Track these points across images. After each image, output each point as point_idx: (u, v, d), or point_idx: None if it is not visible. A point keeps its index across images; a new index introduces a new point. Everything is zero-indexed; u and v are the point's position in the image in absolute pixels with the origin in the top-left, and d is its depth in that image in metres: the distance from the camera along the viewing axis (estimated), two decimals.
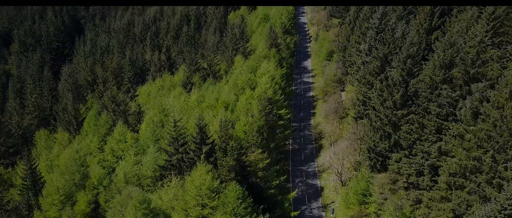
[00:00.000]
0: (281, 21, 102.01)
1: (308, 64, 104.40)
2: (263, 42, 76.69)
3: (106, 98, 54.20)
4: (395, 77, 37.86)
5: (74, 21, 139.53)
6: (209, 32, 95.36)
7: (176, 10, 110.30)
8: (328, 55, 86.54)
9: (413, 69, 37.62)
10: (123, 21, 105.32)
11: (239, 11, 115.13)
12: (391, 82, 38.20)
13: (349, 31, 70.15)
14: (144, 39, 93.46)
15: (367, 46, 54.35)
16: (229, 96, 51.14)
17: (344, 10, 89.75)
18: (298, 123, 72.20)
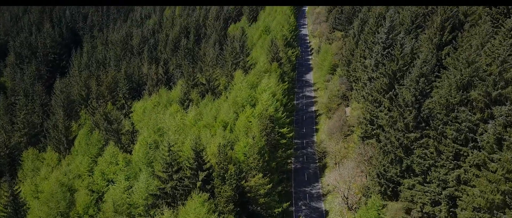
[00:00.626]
0: (282, 34, 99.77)
1: (310, 77, 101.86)
2: (264, 56, 74.17)
3: (98, 116, 51.34)
4: (407, 97, 35.00)
5: (72, 33, 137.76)
6: (209, 45, 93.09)
7: (175, 22, 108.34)
8: (331, 69, 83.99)
9: (426, 88, 34.78)
10: (121, 33, 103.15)
11: (239, 23, 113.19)
12: (402, 102, 35.32)
13: (353, 45, 67.64)
14: (141, 51, 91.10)
15: (373, 61, 51.69)
16: (228, 115, 48.24)
17: (347, 23, 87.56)
18: (301, 140, 69.15)
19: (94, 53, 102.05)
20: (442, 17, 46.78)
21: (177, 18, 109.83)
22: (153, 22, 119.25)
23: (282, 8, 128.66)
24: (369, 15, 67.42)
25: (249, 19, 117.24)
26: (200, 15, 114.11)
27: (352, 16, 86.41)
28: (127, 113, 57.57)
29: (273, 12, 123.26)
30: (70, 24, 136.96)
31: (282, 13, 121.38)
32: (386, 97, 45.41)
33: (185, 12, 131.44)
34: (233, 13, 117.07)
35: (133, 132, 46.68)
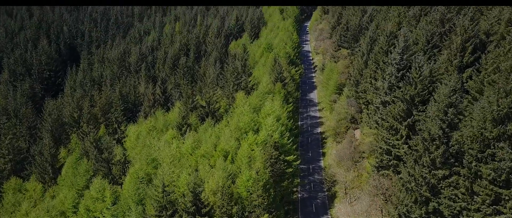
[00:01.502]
0: (285, 51, 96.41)
1: (314, 96, 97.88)
2: (267, 75, 70.33)
3: (87, 143, 47.05)
4: (433, 129, 30.75)
5: (70, 49, 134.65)
6: (209, 63, 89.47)
7: (175, 39, 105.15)
8: (337, 88, 79.96)
9: (455, 120, 30.58)
10: (119, 49, 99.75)
11: (240, 40, 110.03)
12: (427, 135, 31.03)
13: (362, 65, 63.80)
14: (139, 69, 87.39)
15: (386, 84, 47.65)
16: (230, 142, 43.87)
17: (353, 40, 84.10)
18: (306, 165, 64.50)
19: (91, 70, 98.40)
20: (462, 37, 43.03)
21: (176, 35, 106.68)
22: (152, 38, 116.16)
23: (284, 24, 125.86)
24: (378, 33, 63.87)
25: (250, 36, 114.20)
26: (200, 31, 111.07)
27: (358, 34, 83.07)
28: (120, 138, 53.26)
29: (275, 28, 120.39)
30: (68, 40, 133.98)
31: (285, 29, 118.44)
32: (404, 125, 41.22)
33: (185, 28, 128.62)
34: (234, 30, 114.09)
35: (124, 162, 42.28)
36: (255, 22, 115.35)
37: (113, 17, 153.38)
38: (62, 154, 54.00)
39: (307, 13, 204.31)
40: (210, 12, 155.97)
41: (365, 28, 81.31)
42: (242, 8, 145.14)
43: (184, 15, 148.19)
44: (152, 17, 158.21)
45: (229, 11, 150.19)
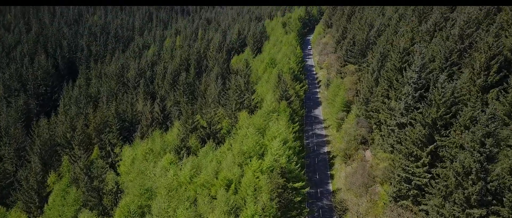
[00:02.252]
0: (289, 66, 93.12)
1: (319, 113, 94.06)
2: (271, 92, 66.69)
3: (78, 169, 43.16)
4: (468, 162, 26.81)
5: (69, 63, 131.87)
6: (210, 79, 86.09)
7: (175, 54, 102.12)
8: (344, 106, 76.22)
9: (493, 151, 26.68)
10: (117, 64, 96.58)
11: (242, 55, 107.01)
12: (461, 169, 27.06)
13: (372, 82, 60.21)
14: (137, 85, 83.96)
15: (403, 104, 43.88)
16: (232, 170, 39.86)
17: (360, 56, 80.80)
18: (314, 189, 60.17)
19: (88, 86, 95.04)
20: (486, 54, 39.47)
21: (177, 50, 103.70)
22: (152, 53, 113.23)
23: (287, 38, 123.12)
24: (389, 49, 60.45)
25: (253, 50, 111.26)
26: (201, 46, 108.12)
27: (365, 49, 79.81)
28: (113, 162, 49.29)
29: (278, 43, 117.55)
30: (67, 54, 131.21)
31: (288, 43, 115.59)
32: (425, 152, 37.27)
33: (186, 42, 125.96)
34: (236, 44, 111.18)
35: (117, 192, 38.27)
36: (257, 36, 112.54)
37: (112, 31, 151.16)
38: (52, 178, 49.97)
39: (309, 27, 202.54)
40: (212, 25, 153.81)
41: (373, 43, 78.10)
42: (244, 22, 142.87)
43: (185, 29, 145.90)
44: (152, 31, 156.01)
45: (231, 25, 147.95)
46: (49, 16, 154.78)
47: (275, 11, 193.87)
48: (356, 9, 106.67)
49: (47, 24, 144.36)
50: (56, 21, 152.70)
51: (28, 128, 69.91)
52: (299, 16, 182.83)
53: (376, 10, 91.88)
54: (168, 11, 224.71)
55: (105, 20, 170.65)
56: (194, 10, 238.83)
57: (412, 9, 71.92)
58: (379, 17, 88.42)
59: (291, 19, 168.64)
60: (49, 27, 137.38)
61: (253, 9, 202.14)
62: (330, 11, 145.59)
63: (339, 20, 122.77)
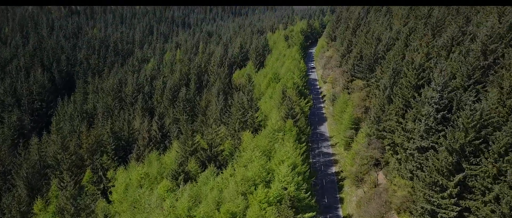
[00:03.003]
0: (293, 81, 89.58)
1: (324, 129, 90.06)
2: (276, 110, 62.93)
3: (63, 199, 39.05)
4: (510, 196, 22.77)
5: (66, 77, 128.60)
6: (212, 94, 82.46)
7: (175, 68, 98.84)
8: (352, 123, 72.33)
9: None
10: (115, 79, 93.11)
11: (245, 69, 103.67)
12: (507, 209, 23.01)
13: (383, 99, 56.39)
14: (135, 101, 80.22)
15: (423, 126, 39.96)
16: (236, 200, 35.69)
17: (369, 71, 77.29)
18: (323, 214, 55.80)
19: (84, 102, 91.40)
20: None
21: (177, 64, 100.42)
22: (151, 67, 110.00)
23: (290, 52, 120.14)
24: (401, 64, 56.83)
25: (255, 64, 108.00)
26: (202, 60, 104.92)
27: (373, 63, 76.36)
28: (106, 188, 45.14)
29: (281, 56, 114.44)
30: (64, 68, 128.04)
31: (291, 57, 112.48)
32: (453, 182, 33.20)
33: (187, 56, 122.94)
34: (238, 58, 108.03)
35: None
36: (259, 50, 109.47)
37: (111, 44, 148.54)
38: (38, 205, 45.72)
39: (311, 40, 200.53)
40: (213, 39, 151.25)
41: (381, 57, 74.69)
42: (246, 35, 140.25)
43: (186, 42, 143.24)
44: (152, 44, 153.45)
45: (233, 38, 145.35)
46: (47, 29, 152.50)
47: (277, 24, 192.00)
48: (362, 22, 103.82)
49: (45, 37, 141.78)
50: (55, 34, 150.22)
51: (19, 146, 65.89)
52: (301, 29, 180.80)
53: (383, 23, 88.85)
54: (169, 24, 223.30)
55: (105, 33, 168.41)
56: (195, 22, 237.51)
57: (424, 22, 68.72)
58: (387, 31, 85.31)
59: (293, 32, 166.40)
60: (47, 40, 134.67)
61: (255, 22, 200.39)
62: (334, 24, 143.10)
63: (343, 34, 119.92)
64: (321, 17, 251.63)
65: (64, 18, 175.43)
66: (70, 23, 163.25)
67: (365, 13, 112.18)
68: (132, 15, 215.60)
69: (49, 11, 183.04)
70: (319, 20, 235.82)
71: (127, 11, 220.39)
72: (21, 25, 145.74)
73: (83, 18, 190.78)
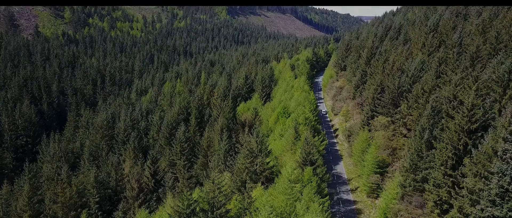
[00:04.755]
0: (305, 116, 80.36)
1: (341, 169, 79.64)
2: (289, 155, 53.31)
3: None
4: None
5: (58, 108, 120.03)
6: (214, 131, 73.22)
7: (174, 101, 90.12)
8: (376, 166, 62.38)
9: None
10: (107, 113, 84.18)
11: (250, 102, 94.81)
12: None
13: (420, 144, 46.89)
14: (127, 140, 70.83)
15: (495, 189, 30.24)
16: None
17: (392, 106, 68.29)
18: None
19: (72, 138, 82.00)
20: None
21: (176, 96, 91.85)
22: (148, 99, 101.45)
23: (299, 83, 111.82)
24: (442, 102, 47.78)
25: (261, 96, 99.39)
26: (204, 91, 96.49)
27: (397, 97, 67.49)
28: None
29: (289, 88, 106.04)
30: (56, 100, 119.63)
31: (300, 89, 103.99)
32: None
33: (187, 87, 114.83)
34: (243, 90, 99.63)
35: None
36: (266, 81, 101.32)
37: (108, 73, 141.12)
38: None
39: (317, 69, 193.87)
40: (215, 68, 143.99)
41: (407, 90, 65.90)
42: (250, 65, 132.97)
43: (187, 72, 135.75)
44: (151, 73, 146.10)
45: (236, 68, 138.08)
46: (41, 58, 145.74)
47: (282, 53, 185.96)
48: (377, 51, 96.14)
49: (38, 67, 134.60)
50: (49, 63, 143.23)
51: None
52: (307, 58, 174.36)
53: (402, 52, 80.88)
54: (170, 52, 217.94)
55: (103, 62, 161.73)
56: (197, 51, 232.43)
57: (456, 52, 60.42)
58: (408, 61, 77.20)
59: (299, 61, 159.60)
60: (39, 70, 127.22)
61: (259, 51, 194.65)
62: (343, 53, 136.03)
63: (355, 63, 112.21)
64: (326, 45, 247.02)
65: (60, 47, 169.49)
66: (66, 52, 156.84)
67: (378, 42, 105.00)
68: (132, 44, 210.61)
69: (47, 40, 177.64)
70: (324, 48, 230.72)
71: (128, 40, 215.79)
72: (12, 54, 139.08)
73: (81, 47, 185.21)
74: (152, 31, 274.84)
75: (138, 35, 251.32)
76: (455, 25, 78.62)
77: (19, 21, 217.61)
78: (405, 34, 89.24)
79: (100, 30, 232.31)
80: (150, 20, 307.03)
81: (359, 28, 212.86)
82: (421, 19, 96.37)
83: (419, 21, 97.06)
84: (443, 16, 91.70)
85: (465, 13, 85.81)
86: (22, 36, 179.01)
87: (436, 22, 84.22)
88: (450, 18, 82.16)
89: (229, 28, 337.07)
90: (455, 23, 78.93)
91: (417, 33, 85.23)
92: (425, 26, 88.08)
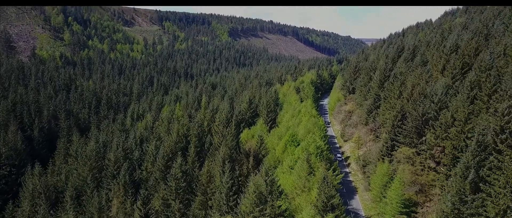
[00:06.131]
0: (316, 145, 72.55)
1: (357, 205, 70.89)
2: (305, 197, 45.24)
3: None
4: None
5: (49, 134, 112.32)
6: (215, 163, 65.37)
7: (172, 128, 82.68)
8: (402, 205, 54.06)
9: None
10: (99, 141, 76.52)
11: (254, 128, 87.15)
12: None
13: (462, 185, 38.99)
14: (117, 173, 62.84)
15: None
16: None
17: (416, 135, 60.59)
18: None
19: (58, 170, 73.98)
20: None
21: (174, 123, 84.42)
22: (144, 125, 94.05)
23: (306, 107, 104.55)
24: (486, 133, 40.17)
25: (266, 122, 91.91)
26: (204, 117, 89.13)
27: (422, 126, 59.90)
28: None
29: (296, 113, 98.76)
30: (46, 125, 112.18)
31: (308, 114, 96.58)
32: None
33: (187, 111, 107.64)
34: (246, 115, 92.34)
35: None
36: (271, 105, 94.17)
37: (105, 96, 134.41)
38: None
39: (321, 91, 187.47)
40: (217, 91, 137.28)
41: (433, 118, 58.40)
42: (254, 88, 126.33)
43: (187, 95, 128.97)
44: (149, 96, 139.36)
45: (239, 91, 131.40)
46: (35, 81, 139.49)
47: (285, 75, 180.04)
48: (391, 73, 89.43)
49: (31, 90, 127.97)
50: (42, 86, 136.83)
51: None
52: (311, 80, 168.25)
53: (422, 75, 73.95)
54: (171, 74, 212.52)
55: (100, 85, 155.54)
56: (198, 73, 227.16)
57: (487, 75, 53.32)
58: (428, 84, 70.17)
59: (304, 83, 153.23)
60: (31, 93, 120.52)
61: (261, 73, 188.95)
62: (351, 75, 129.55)
63: (365, 86, 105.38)
64: (329, 67, 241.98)
65: (56, 69, 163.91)
66: (62, 74, 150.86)
67: (391, 63, 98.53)
68: (132, 66, 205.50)
69: (42, 62, 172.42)
70: (328, 70, 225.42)
71: (127, 62, 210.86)
72: (3, 77, 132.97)
73: (79, 69, 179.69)
74: (153, 53, 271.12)
75: (138, 57, 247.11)
76: (478, 45, 72.14)
77: (17, 43, 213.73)
78: (422, 56, 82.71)
79: (100, 52, 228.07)
80: (151, 42, 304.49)
81: (364, 50, 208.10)
82: (437, 40, 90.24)
83: (435, 41, 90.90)
84: (461, 36, 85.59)
85: (486, 33, 79.63)
86: (18, 58, 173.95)
87: (455, 43, 77.88)
88: (472, 38, 75.78)
89: (231, 50, 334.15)
90: (478, 43, 72.47)
91: (436, 55, 78.71)
92: (443, 47, 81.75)
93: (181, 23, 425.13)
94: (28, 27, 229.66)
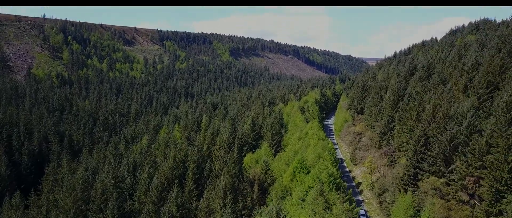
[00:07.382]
0: (328, 172, 65.32)
1: None
2: None
3: None
4: None
5: (39, 158, 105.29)
6: (216, 193, 58.19)
7: (168, 152, 75.76)
8: None
9: None
10: (87, 168, 69.40)
11: (259, 152, 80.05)
12: None
13: None
14: (104, 206, 55.52)
15: None
16: None
17: (443, 163, 53.61)
18: None
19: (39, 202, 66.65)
20: None
21: (171, 147, 77.47)
22: (140, 148, 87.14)
23: (313, 129, 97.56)
24: None
25: (271, 145, 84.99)
26: (204, 140, 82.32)
27: (450, 153, 52.99)
28: None
29: (303, 135, 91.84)
30: (37, 148, 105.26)
31: (316, 136, 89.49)
32: None
33: (185, 133, 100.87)
34: (249, 137, 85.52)
35: None
36: (276, 127, 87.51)
37: (101, 117, 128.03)
38: None
39: (326, 111, 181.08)
40: (218, 111, 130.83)
41: (464, 144, 51.54)
42: (257, 108, 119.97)
43: (186, 115, 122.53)
44: (146, 117, 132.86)
45: (241, 111, 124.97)
46: (29, 101, 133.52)
47: (288, 94, 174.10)
48: (405, 93, 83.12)
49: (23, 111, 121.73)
50: (36, 107, 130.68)
51: None
52: (316, 100, 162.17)
53: (442, 95, 67.58)
54: (171, 94, 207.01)
55: (96, 105, 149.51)
56: (199, 92, 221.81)
57: None
58: (450, 105, 63.56)
59: (308, 103, 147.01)
60: (21, 115, 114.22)
61: (264, 92, 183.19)
62: (358, 94, 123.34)
63: (376, 106, 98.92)
64: (333, 86, 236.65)
65: (52, 88, 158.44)
66: (57, 94, 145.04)
67: (404, 82, 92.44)
68: (130, 85, 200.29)
69: (37, 81, 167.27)
70: (331, 89, 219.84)
71: (126, 81, 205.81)
72: None
73: (75, 88, 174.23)
74: (153, 72, 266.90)
75: (138, 76, 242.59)
76: (502, 63, 66.13)
77: (14, 62, 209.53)
78: (440, 74, 76.62)
79: (98, 71, 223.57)
80: (151, 61, 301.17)
81: (369, 68, 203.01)
82: (454, 57, 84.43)
83: (451, 58, 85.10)
84: (481, 53, 79.81)
85: (509, 49, 73.80)
86: (12, 78, 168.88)
87: (475, 60, 71.97)
88: (494, 54, 69.90)
89: (232, 69, 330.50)
90: (502, 60, 66.50)
91: (455, 73, 72.65)
92: (462, 64, 75.82)
93: (182, 42, 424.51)
94: (26, 46, 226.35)
